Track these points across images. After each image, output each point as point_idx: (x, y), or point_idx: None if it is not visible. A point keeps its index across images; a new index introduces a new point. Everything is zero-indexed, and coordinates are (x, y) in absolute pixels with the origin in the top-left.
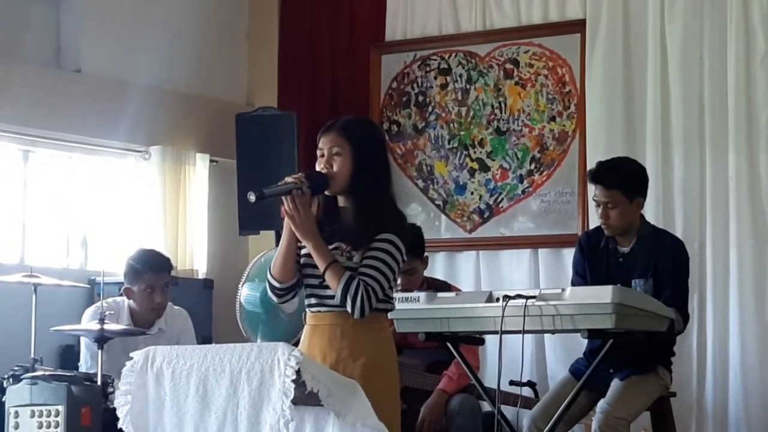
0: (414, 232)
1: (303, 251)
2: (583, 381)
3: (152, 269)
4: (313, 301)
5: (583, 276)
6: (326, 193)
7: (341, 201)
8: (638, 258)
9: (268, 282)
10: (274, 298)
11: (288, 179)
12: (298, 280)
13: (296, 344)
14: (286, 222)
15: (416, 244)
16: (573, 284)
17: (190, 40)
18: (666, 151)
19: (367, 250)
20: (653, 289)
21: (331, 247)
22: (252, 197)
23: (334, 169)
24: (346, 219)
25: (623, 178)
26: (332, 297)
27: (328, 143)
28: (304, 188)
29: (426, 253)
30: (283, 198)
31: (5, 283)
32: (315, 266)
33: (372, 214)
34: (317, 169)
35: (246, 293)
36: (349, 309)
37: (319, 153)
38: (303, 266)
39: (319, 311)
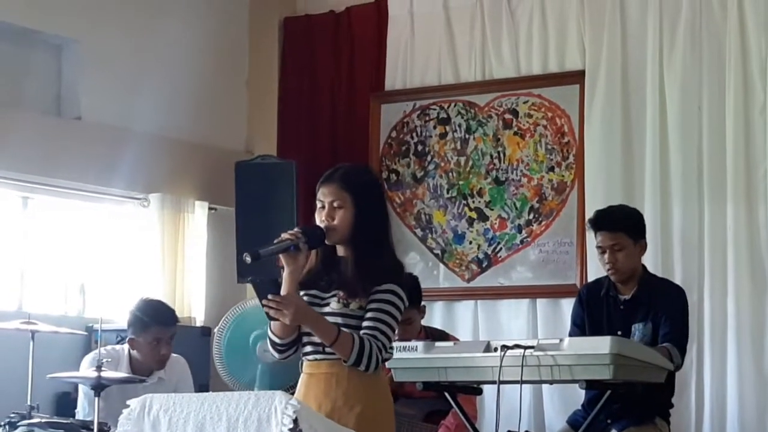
0: (411, 282)
1: None
2: None
3: (159, 322)
4: (308, 349)
5: (581, 327)
6: (325, 242)
7: (340, 250)
8: (639, 305)
9: (270, 339)
10: (276, 355)
11: (284, 236)
12: (299, 335)
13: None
14: (285, 276)
15: (413, 294)
16: (570, 336)
17: (190, 89)
18: (665, 202)
19: (369, 301)
20: (651, 332)
21: (328, 295)
22: (248, 258)
23: (336, 222)
24: (345, 268)
25: (626, 221)
26: None
27: (328, 195)
28: (300, 244)
29: (423, 303)
30: (263, 304)
31: (2, 329)
32: None
33: (371, 264)
34: (317, 220)
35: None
36: (362, 368)
37: (318, 204)
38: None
39: (315, 359)
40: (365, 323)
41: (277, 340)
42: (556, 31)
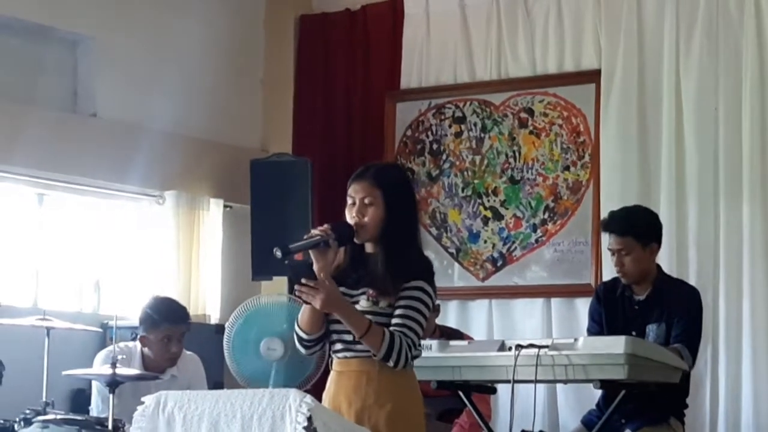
0: None
1: None
2: None
3: (170, 320)
4: (339, 346)
5: (599, 323)
6: (354, 240)
7: (369, 247)
8: (654, 306)
9: (297, 334)
10: (303, 350)
11: (314, 232)
12: (327, 331)
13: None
14: (314, 272)
15: None
16: (589, 331)
17: (206, 86)
18: (680, 202)
19: (398, 298)
20: (665, 333)
21: (357, 292)
22: (278, 253)
23: (366, 219)
24: (373, 266)
25: (635, 225)
26: (359, 342)
27: (360, 192)
28: (330, 241)
29: (438, 302)
30: (296, 288)
31: (18, 326)
32: None
33: (400, 262)
34: (347, 216)
35: None
36: (391, 365)
37: (349, 201)
38: (328, 312)
39: (346, 357)
40: (395, 320)
41: (304, 336)
42: (572, 30)
